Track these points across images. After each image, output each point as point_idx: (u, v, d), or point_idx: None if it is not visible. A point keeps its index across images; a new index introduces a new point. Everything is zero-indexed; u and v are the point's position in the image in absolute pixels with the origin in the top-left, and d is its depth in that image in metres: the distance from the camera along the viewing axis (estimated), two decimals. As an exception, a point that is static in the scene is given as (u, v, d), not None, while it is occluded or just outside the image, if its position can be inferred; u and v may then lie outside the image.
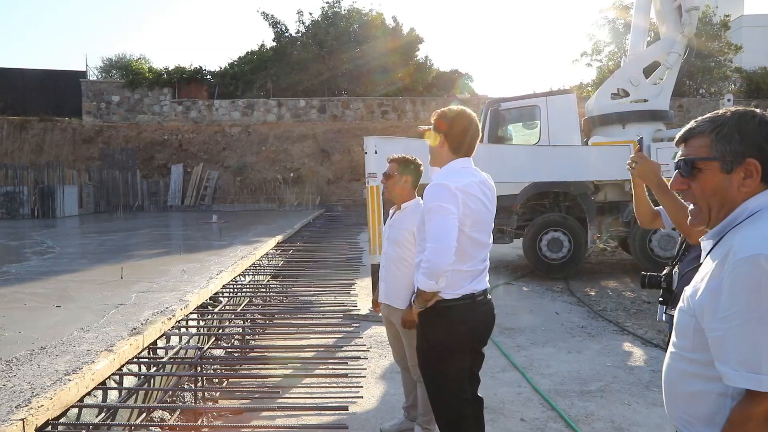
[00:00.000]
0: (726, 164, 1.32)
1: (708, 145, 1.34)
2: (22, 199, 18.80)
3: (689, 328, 1.32)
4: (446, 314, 2.55)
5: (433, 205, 2.45)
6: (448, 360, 2.60)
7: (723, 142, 1.32)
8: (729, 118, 1.34)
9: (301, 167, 23.26)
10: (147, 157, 23.47)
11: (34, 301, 5.43)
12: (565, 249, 8.67)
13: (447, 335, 2.57)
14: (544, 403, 4.03)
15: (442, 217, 2.42)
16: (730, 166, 1.31)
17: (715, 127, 1.34)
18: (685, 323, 1.34)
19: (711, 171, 1.34)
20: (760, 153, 1.30)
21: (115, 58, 29.21)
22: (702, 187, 1.36)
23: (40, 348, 3.79)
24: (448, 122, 2.57)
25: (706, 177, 1.35)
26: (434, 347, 2.60)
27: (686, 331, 1.34)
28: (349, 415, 3.63)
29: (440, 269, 2.38)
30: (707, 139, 1.35)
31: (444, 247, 2.38)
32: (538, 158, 8.66)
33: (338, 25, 25.39)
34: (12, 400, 2.83)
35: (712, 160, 1.33)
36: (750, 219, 1.29)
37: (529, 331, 5.94)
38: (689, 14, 9.21)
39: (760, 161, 1.29)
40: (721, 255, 1.26)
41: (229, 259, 7.88)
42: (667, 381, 1.43)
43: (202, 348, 4.38)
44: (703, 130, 1.36)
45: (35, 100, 24.37)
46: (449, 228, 2.40)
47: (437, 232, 2.41)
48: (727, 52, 25.04)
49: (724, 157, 1.31)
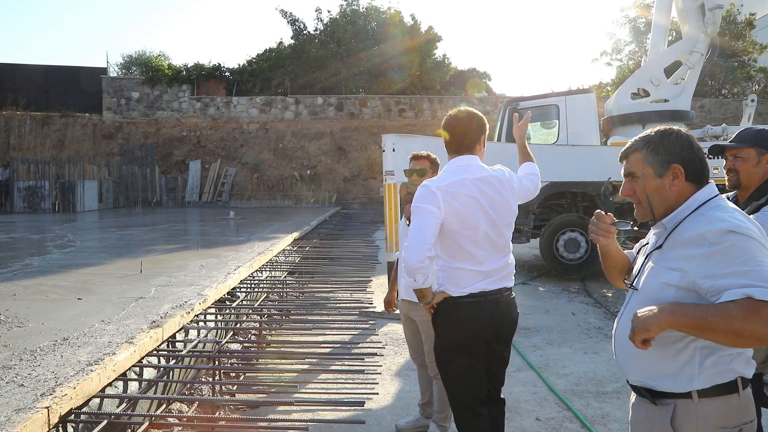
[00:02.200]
0: (657, 170, 1.70)
1: (642, 158, 1.72)
2: (43, 194, 19.14)
3: (669, 295, 1.59)
4: (451, 311, 2.57)
5: (414, 206, 2.52)
6: (455, 357, 2.62)
7: (653, 153, 1.70)
8: (654, 136, 1.72)
9: (317, 165, 23.35)
10: (165, 153, 23.74)
11: (56, 293, 5.54)
12: (582, 249, 8.61)
13: (452, 332, 2.60)
14: (559, 403, 4.02)
15: (418, 217, 2.48)
16: (660, 172, 1.69)
17: (645, 143, 1.73)
18: (664, 292, 1.61)
19: (648, 177, 1.71)
20: (681, 159, 1.68)
21: (135, 54, 29.64)
22: (642, 189, 1.73)
23: (63, 339, 3.87)
24: (446, 124, 2.68)
25: (645, 182, 1.72)
26: (442, 343, 2.64)
27: (666, 298, 1.60)
28: (365, 411, 3.65)
29: (411, 266, 2.40)
30: (641, 154, 1.73)
31: (413, 246, 2.41)
32: (556, 158, 8.60)
33: (356, 23, 25.43)
34: (37, 389, 2.90)
35: (647, 168, 1.71)
36: (706, 205, 1.64)
37: (545, 331, 5.92)
38: (713, 13, 9.08)
39: (682, 165, 1.67)
40: (693, 235, 1.59)
41: (246, 255, 7.95)
42: (625, 343, 1.67)
43: (219, 342, 4.43)
44: (638, 147, 1.74)
45: (57, 97, 24.75)
46: (422, 227, 2.44)
47: (412, 231, 2.47)
48: (752, 52, 24.61)
49: (654, 165, 1.70)
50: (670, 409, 1.61)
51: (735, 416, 1.60)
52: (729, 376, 1.60)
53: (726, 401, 1.59)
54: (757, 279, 1.44)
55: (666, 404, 1.63)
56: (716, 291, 1.49)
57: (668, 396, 1.62)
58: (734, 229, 1.52)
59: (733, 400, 1.60)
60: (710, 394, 1.58)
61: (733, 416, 1.60)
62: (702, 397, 1.59)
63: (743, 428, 1.61)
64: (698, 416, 1.59)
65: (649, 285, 1.68)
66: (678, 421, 1.60)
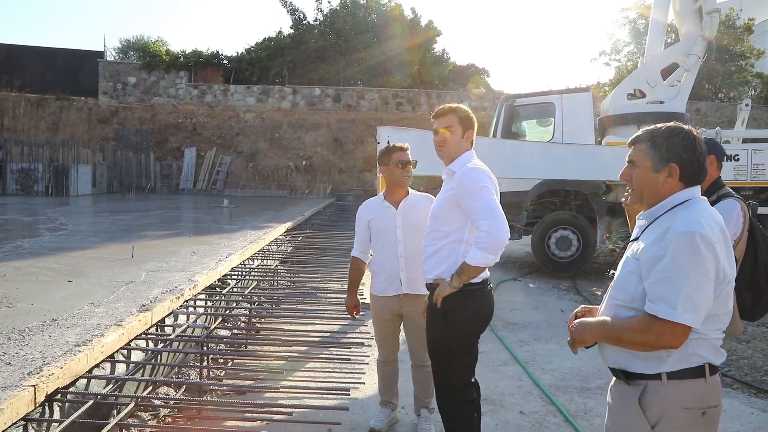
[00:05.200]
0: (655, 165, 1.79)
1: (645, 150, 1.81)
2: (36, 176, 19.04)
3: (632, 283, 1.74)
4: (472, 298, 2.65)
5: (480, 186, 2.57)
6: (466, 347, 2.72)
7: (654, 149, 1.79)
8: (662, 132, 1.80)
9: (313, 155, 23.30)
10: (161, 139, 23.62)
11: (47, 275, 5.53)
12: (573, 248, 8.66)
13: (471, 320, 2.69)
14: (543, 397, 4.06)
15: (491, 195, 2.58)
16: (658, 167, 1.78)
17: (651, 137, 1.81)
18: (629, 280, 1.76)
19: (645, 169, 1.81)
20: (679, 160, 1.76)
21: (132, 39, 29.27)
22: (639, 179, 1.83)
23: (52, 320, 3.87)
24: (470, 117, 2.79)
25: (642, 173, 1.82)
26: (454, 334, 2.67)
27: (629, 286, 1.75)
28: (351, 399, 3.68)
29: (503, 242, 2.49)
30: (645, 145, 1.82)
31: (504, 221, 2.51)
32: (550, 156, 8.64)
33: (356, 14, 25.31)
34: (24, 368, 2.91)
35: (647, 161, 1.80)
36: (682, 205, 1.75)
37: (533, 327, 5.97)
38: (710, 17, 9.10)
39: (679, 166, 1.76)
40: (660, 231, 1.71)
41: (238, 243, 7.96)
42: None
43: (208, 327, 4.45)
44: (643, 138, 1.83)
45: (53, 79, 24.54)
46: (496, 205, 2.56)
47: (493, 207, 2.53)
48: (749, 57, 24.69)
49: (653, 160, 1.79)
50: (640, 389, 1.74)
51: (700, 399, 1.71)
52: (696, 361, 1.71)
53: (693, 384, 1.70)
54: (672, 297, 1.61)
55: (638, 384, 1.75)
56: (648, 294, 1.68)
57: (641, 377, 1.74)
58: (692, 232, 1.63)
59: (700, 385, 1.71)
60: (678, 377, 1.70)
61: (698, 399, 1.71)
62: (671, 379, 1.70)
63: (707, 411, 1.71)
64: (665, 396, 1.70)
65: (620, 273, 1.83)
66: (646, 400, 1.72)
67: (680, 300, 1.60)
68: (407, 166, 3.34)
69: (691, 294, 1.61)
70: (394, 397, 3.58)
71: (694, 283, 1.61)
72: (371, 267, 3.53)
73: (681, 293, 1.61)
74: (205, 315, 4.94)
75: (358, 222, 3.60)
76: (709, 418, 1.72)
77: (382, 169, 3.42)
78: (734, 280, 1.73)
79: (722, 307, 1.71)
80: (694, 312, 1.61)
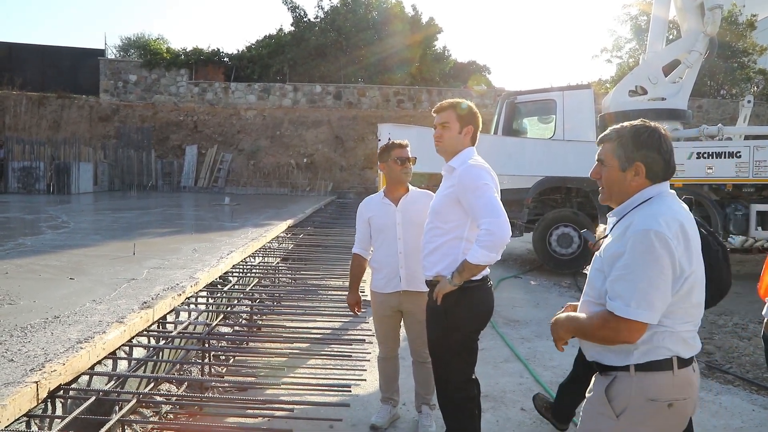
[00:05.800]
0: (622, 164, 1.82)
1: (612, 149, 1.84)
2: (38, 175, 19.06)
3: (599, 280, 1.79)
4: (472, 295, 2.65)
5: (481, 183, 2.56)
6: (468, 344, 2.72)
7: (621, 148, 1.82)
8: (628, 131, 1.82)
9: (314, 153, 23.30)
10: (162, 137, 23.63)
11: (49, 273, 5.55)
12: (574, 245, 8.66)
13: (474, 317, 2.69)
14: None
15: (492, 193, 2.57)
16: (624, 166, 1.82)
17: (617, 136, 1.84)
18: (597, 277, 1.81)
19: (612, 168, 1.84)
20: (645, 159, 1.79)
21: (133, 37, 29.36)
22: (607, 178, 1.87)
23: (54, 317, 3.88)
24: (470, 113, 2.76)
25: (610, 171, 1.85)
26: (456, 330, 2.67)
27: (596, 283, 1.81)
28: (352, 396, 3.69)
29: (504, 240, 2.48)
30: (612, 145, 1.85)
31: (505, 219, 2.50)
32: (551, 153, 8.63)
33: (357, 11, 25.28)
34: (27, 364, 2.92)
35: (614, 160, 1.83)
36: (647, 203, 1.78)
37: (535, 324, 5.97)
38: (712, 13, 9.07)
39: (645, 165, 1.79)
40: (623, 228, 1.77)
41: (239, 241, 7.97)
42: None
43: (210, 325, 4.46)
44: (610, 138, 1.86)
45: (54, 77, 24.54)
46: (497, 203, 2.56)
47: (492, 205, 2.52)
48: (752, 53, 24.62)
49: (620, 159, 1.82)
50: (608, 380, 1.79)
51: (667, 391, 1.73)
52: (664, 353, 1.74)
53: (660, 377, 1.73)
54: (627, 294, 1.67)
55: (609, 375, 1.80)
56: (608, 291, 1.73)
57: (613, 369, 1.79)
58: (647, 230, 1.67)
59: (667, 377, 1.74)
60: (646, 369, 1.73)
61: (665, 391, 1.73)
62: (638, 371, 1.74)
63: (674, 404, 1.72)
64: (631, 387, 1.74)
65: (590, 270, 1.90)
66: (613, 390, 1.77)
67: (635, 297, 1.65)
68: (406, 163, 3.34)
69: (646, 290, 1.65)
70: (395, 394, 3.59)
71: (648, 279, 1.65)
72: (371, 264, 3.53)
73: (636, 290, 1.65)
74: (206, 312, 4.95)
75: (358, 219, 3.60)
76: (676, 410, 1.73)
77: (382, 166, 3.41)
78: (702, 274, 1.77)
79: (685, 301, 1.73)
80: (648, 308, 1.65)
